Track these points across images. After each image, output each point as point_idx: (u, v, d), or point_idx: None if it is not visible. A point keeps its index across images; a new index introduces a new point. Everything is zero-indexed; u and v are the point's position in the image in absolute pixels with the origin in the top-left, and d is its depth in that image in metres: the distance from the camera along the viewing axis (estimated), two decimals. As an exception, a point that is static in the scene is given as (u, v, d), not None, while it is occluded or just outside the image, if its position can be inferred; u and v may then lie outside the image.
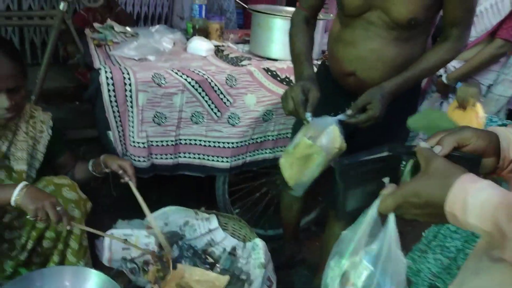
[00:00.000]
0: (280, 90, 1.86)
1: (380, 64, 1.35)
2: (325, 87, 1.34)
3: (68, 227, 1.31)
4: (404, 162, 0.79)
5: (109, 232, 1.63)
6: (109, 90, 1.58)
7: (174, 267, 1.73)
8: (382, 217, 0.78)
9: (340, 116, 1.26)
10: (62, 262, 1.50)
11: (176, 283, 1.62)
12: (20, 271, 1.48)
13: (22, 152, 1.50)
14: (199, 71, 1.72)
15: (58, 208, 1.27)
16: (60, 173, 1.64)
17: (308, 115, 1.22)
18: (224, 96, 1.77)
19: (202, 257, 1.83)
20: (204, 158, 1.88)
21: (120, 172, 1.56)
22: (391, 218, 0.75)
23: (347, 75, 1.40)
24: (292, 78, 1.89)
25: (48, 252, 1.49)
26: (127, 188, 2.36)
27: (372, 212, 0.77)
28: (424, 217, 0.72)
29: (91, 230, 1.42)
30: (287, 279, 1.95)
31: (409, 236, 2.02)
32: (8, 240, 1.46)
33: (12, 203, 1.26)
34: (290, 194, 1.80)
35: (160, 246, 1.71)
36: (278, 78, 1.88)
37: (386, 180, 0.75)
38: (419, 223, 0.85)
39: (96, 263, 1.62)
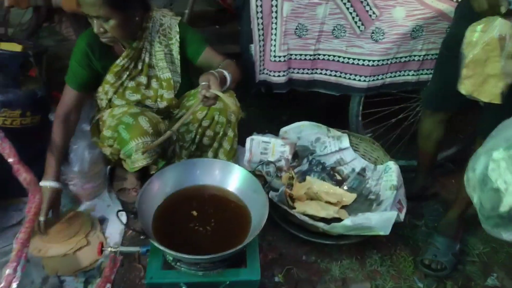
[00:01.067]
0: (437, 3, 1.65)
1: None
2: None
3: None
4: None
5: (250, 137, 1.77)
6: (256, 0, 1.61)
7: (303, 179, 1.81)
8: None
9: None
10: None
11: (305, 192, 1.70)
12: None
13: (162, 61, 1.62)
14: (345, -21, 1.62)
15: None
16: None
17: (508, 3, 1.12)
18: (371, 8, 1.65)
19: (330, 174, 1.87)
20: (341, 76, 1.84)
21: (204, 83, 1.37)
22: None
23: None
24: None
25: (205, 149, 1.69)
26: (260, 108, 2.49)
27: None
28: None
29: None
30: (417, 210, 1.88)
31: None
32: (181, 133, 1.68)
33: None
34: (431, 120, 1.67)
35: (293, 156, 1.80)
36: (435, -11, 1.66)
37: None
38: None
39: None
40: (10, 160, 1.33)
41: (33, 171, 1.43)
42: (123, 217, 1.63)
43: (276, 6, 1.63)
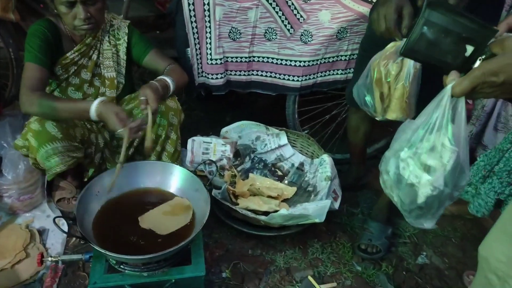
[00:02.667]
0: (357, 6, 1.79)
1: None
2: None
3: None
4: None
5: (191, 138, 1.80)
6: (189, 4, 1.66)
7: (247, 176, 1.88)
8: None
9: None
10: (158, 162, 1.70)
11: (248, 188, 1.77)
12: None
13: (109, 60, 1.66)
14: (274, -15, 1.72)
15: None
16: (157, 74, 1.66)
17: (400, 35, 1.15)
18: (298, 12, 1.76)
19: (272, 170, 1.95)
20: (275, 77, 1.93)
21: (142, 98, 1.44)
22: (463, 101, 0.77)
23: None
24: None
25: (147, 153, 1.70)
26: (204, 111, 2.53)
27: (444, 97, 0.78)
28: (498, 94, 0.73)
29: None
30: (353, 200, 2.01)
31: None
32: (117, 138, 1.68)
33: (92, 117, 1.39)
34: (357, 116, 1.79)
35: (235, 154, 1.86)
36: (356, -6, 1.81)
37: (469, 48, 0.75)
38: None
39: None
40: None
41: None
42: (64, 225, 1.61)
43: (209, 10, 1.69)
